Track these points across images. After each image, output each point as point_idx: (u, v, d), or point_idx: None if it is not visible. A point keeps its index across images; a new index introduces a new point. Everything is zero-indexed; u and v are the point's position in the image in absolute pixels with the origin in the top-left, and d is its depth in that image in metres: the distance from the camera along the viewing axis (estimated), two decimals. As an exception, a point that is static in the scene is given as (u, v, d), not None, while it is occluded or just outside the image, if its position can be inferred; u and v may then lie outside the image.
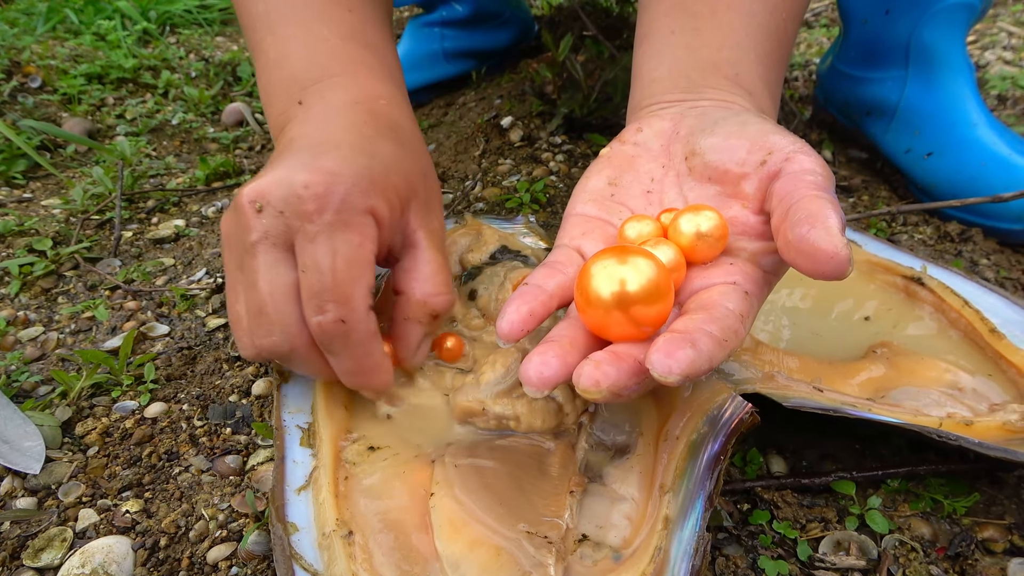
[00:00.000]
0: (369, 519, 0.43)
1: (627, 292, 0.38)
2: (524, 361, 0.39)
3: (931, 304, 0.63)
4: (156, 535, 0.50)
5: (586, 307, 0.40)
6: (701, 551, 0.39)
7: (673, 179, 0.52)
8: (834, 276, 0.37)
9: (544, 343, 0.40)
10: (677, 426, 0.46)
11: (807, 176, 0.41)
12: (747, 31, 0.56)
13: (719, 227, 0.44)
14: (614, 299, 0.38)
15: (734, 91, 0.55)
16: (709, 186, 0.49)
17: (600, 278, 0.39)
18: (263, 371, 0.66)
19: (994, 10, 1.70)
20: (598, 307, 0.39)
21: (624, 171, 0.54)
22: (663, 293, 0.39)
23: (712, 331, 0.37)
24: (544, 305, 0.44)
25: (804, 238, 0.37)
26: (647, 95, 0.58)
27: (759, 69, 0.57)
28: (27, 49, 1.43)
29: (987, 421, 0.51)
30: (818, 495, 0.53)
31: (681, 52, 0.57)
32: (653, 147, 0.53)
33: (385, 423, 0.51)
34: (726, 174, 0.47)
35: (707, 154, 0.48)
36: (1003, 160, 0.84)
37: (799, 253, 0.38)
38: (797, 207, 0.39)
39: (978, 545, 0.49)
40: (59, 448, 0.58)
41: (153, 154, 1.16)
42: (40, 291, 0.79)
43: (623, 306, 0.38)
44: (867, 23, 0.95)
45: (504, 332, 0.42)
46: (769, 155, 0.44)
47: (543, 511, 0.43)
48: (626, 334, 0.39)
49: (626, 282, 0.38)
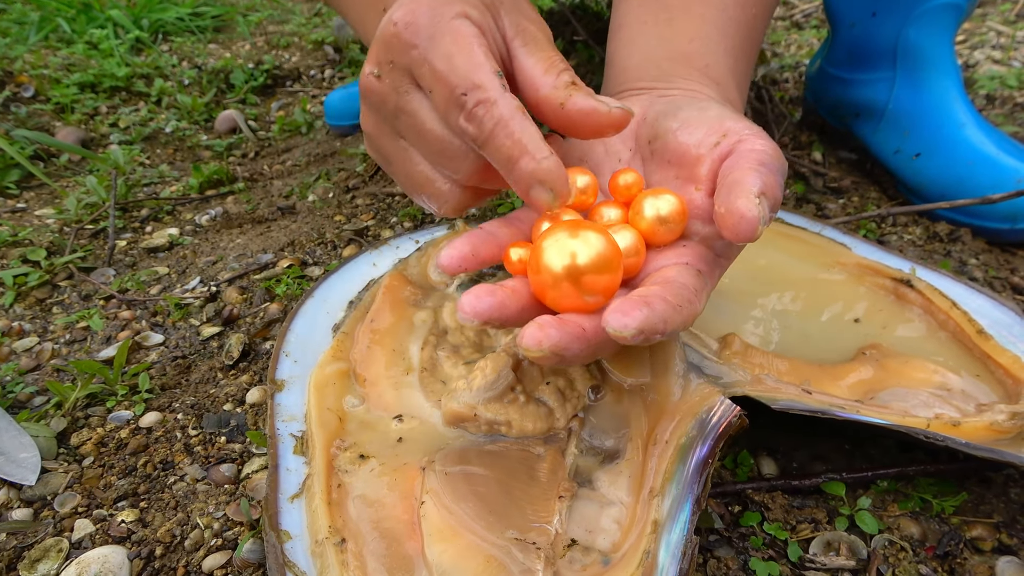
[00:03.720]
0: (362, 527, 0.43)
1: (577, 264, 0.39)
2: (464, 293, 0.39)
3: (920, 306, 0.64)
4: (152, 544, 0.51)
5: (536, 277, 0.40)
6: (689, 554, 0.39)
7: (639, 163, 0.52)
8: (744, 237, 0.39)
9: (489, 284, 0.40)
10: (666, 430, 0.46)
11: (752, 154, 0.43)
12: (718, 24, 0.58)
13: (679, 211, 0.45)
14: (564, 271, 0.39)
15: (703, 81, 0.56)
16: (669, 169, 0.50)
17: (552, 251, 0.39)
18: (257, 380, 0.66)
19: (983, 9, 1.71)
20: (548, 277, 0.39)
21: (595, 151, 0.54)
22: (613, 266, 0.40)
23: (667, 296, 0.38)
24: (490, 249, 0.44)
25: (726, 204, 0.39)
26: (620, 82, 0.59)
27: (728, 61, 0.58)
28: (20, 58, 1.44)
29: (975, 421, 0.51)
30: (808, 496, 0.53)
31: (654, 42, 0.59)
32: (623, 131, 0.52)
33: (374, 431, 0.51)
34: (684, 157, 0.48)
35: (667, 137, 0.49)
36: (990, 160, 0.85)
37: (720, 219, 0.40)
38: (729, 178, 0.41)
39: (967, 544, 0.50)
40: (55, 459, 0.58)
41: (147, 162, 1.16)
42: (34, 301, 0.80)
43: (572, 277, 0.39)
44: (854, 26, 0.96)
45: (443, 263, 0.42)
46: (723, 137, 0.46)
47: (532, 517, 0.43)
48: (574, 305, 0.40)
49: (576, 255, 0.39)
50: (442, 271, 0.42)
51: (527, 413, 0.49)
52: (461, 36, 0.45)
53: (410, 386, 0.55)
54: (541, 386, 0.51)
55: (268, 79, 1.50)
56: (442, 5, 0.47)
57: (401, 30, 0.46)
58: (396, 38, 0.46)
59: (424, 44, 0.46)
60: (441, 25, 0.46)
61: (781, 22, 1.77)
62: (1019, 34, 1.52)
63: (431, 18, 0.46)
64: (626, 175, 0.48)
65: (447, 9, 0.47)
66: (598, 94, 0.48)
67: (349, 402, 0.53)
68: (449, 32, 0.46)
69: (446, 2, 0.47)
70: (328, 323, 0.60)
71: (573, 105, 0.45)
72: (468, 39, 0.45)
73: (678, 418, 0.46)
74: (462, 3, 0.47)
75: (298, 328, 0.59)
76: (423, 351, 0.57)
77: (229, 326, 0.74)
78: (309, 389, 0.54)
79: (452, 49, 0.45)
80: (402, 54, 0.46)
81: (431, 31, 0.46)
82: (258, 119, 1.34)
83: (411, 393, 0.54)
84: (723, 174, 0.43)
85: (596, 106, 0.45)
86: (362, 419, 0.52)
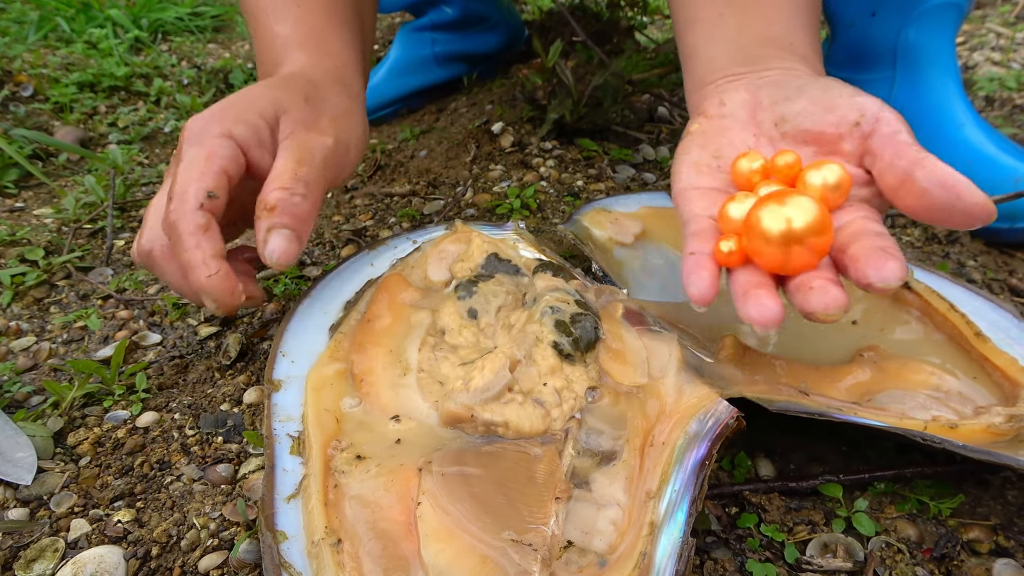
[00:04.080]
0: (358, 528, 0.43)
1: (798, 228, 0.44)
2: (746, 310, 0.44)
3: (917, 308, 0.64)
4: (148, 544, 0.51)
5: (765, 247, 0.45)
6: (685, 556, 0.39)
7: (767, 144, 0.56)
8: (982, 220, 0.45)
9: (760, 295, 0.45)
10: (663, 432, 0.46)
11: (898, 136, 0.48)
12: (792, 4, 0.62)
13: (845, 178, 0.49)
14: (793, 235, 0.44)
15: (792, 59, 0.60)
16: (805, 147, 0.54)
17: (772, 219, 0.45)
18: (255, 380, 0.66)
19: (983, 11, 1.71)
20: (776, 244, 0.45)
21: (719, 142, 0.58)
22: (828, 225, 0.45)
23: (888, 244, 0.45)
24: (716, 267, 0.50)
25: (952, 186, 0.45)
26: (709, 71, 0.63)
27: (807, 37, 0.62)
28: (18, 58, 1.44)
29: (972, 424, 0.51)
30: (805, 498, 0.53)
31: (733, 32, 0.62)
32: (740, 116, 0.58)
33: (371, 431, 0.51)
34: (821, 135, 0.53)
35: (798, 119, 0.54)
36: (989, 159, 0.85)
37: (947, 190, 0.45)
38: (924, 165, 0.46)
39: (964, 546, 0.50)
40: (51, 458, 0.58)
41: (145, 162, 1.16)
42: (32, 301, 0.80)
43: (800, 239, 0.44)
44: (853, 26, 0.95)
45: (697, 298, 0.47)
46: (862, 116, 0.50)
47: (529, 518, 0.43)
48: (805, 264, 0.45)
49: (793, 219, 0.44)
50: (699, 305, 0.47)
51: (524, 414, 0.49)
52: (205, 151, 0.56)
53: (407, 387, 0.55)
54: (538, 387, 0.51)
55: (267, 79, 1.49)
56: (215, 123, 0.57)
57: (183, 131, 0.58)
58: (181, 136, 0.58)
59: (184, 149, 0.57)
60: (202, 138, 0.56)
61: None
62: (1018, 36, 1.53)
63: (199, 131, 0.57)
64: (785, 156, 0.52)
65: (215, 127, 0.57)
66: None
67: (346, 403, 0.53)
68: (199, 145, 0.56)
69: (221, 119, 0.58)
70: (326, 323, 0.60)
71: (256, 226, 0.55)
72: (210, 155, 0.55)
73: (675, 419, 0.46)
74: (234, 122, 0.58)
75: (296, 328, 0.59)
76: (420, 352, 0.57)
77: (227, 326, 0.74)
78: (306, 389, 0.54)
79: (187, 159, 0.56)
80: (177, 149, 0.58)
81: (190, 141, 0.57)
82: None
83: (408, 394, 0.54)
84: (894, 159, 0.47)
85: (258, 242, 0.55)
86: (359, 420, 0.52)
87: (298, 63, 0.68)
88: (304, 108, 0.61)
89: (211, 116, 0.58)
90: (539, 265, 0.64)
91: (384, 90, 1.26)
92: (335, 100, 0.65)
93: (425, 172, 1.03)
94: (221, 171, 0.55)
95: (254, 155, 0.58)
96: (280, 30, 0.69)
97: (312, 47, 0.69)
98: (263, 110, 0.59)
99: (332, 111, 0.64)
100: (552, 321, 0.54)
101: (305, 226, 0.57)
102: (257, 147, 0.58)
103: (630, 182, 0.98)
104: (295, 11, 0.70)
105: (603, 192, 0.95)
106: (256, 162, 0.59)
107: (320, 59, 0.69)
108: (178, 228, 0.53)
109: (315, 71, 0.67)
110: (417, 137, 1.17)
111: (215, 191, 0.54)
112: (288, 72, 0.66)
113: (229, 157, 0.56)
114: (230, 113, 0.58)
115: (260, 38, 0.72)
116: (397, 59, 1.27)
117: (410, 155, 1.11)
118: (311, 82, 0.65)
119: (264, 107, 0.59)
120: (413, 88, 1.27)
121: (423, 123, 1.23)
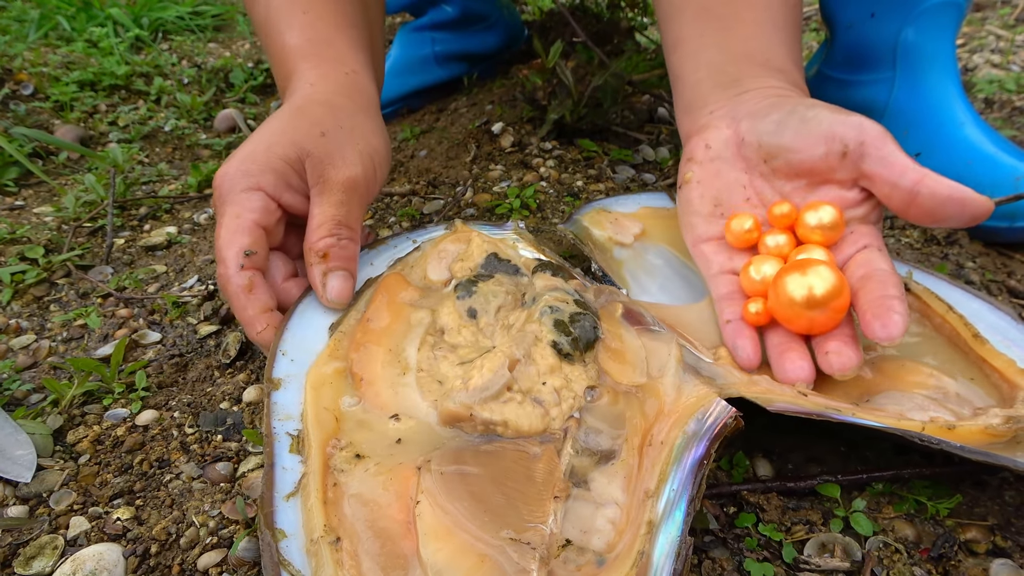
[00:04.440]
0: (357, 526, 0.43)
1: (819, 296, 0.52)
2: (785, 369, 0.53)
3: (916, 309, 0.64)
4: (147, 542, 0.51)
5: (792, 314, 0.53)
6: (683, 555, 0.40)
7: (760, 180, 0.61)
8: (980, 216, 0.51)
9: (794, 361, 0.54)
10: (662, 431, 0.46)
11: (889, 157, 0.53)
12: (769, 21, 0.65)
13: (839, 219, 0.56)
14: (816, 302, 0.52)
15: (769, 74, 0.63)
16: (798, 180, 0.59)
17: (798, 289, 0.52)
18: (254, 378, 0.66)
19: (983, 13, 1.71)
20: (801, 311, 0.52)
21: (716, 186, 0.63)
22: (845, 288, 0.53)
23: (893, 290, 0.51)
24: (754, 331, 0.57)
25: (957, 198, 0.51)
26: (694, 97, 0.66)
27: (784, 49, 0.65)
28: (19, 56, 1.44)
29: (969, 425, 0.51)
30: (803, 498, 0.54)
31: (714, 51, 0.66)
32: (727, 156, 0.63)
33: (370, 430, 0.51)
34: (812, 169, 0.57)
35: (788, 156, 0.58)
36: (989, 158, 0.85)
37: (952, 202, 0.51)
38: (926, 184, 0.51)
39: (961, 546, 0.50)
40: (50, 456, 0.58)
41: (145, 161, 1.16)
42: (32, 299, 0.80)
43: (822, 304, 0.52)
44: (852, 27, 0.96)
45: (746, 365, 0.55)
46: (846, 147, 0.54)
47: (527, 517, 0.43)
48: (827, 325, 0.53)
49: (814, 287, 0.52)
50: (749, 370, 0.54)
51: (523, 413, 0.49)
52: (237, 209, 0.59)
53: (407, 386, 0.55)
54: (537, 386, 0.51)
55: (267, 78, 1.50)
56: (241, 177, 0.60)
57: (214, 187, 0.61)
58: (213, 192, 0.61)
59: (218, 207, 0.60)
60: (232, 195, 0.59)
61: (781, 24, 1.77)
62: (1018, 38, 1.53)
63: (228, 187, 0.59)
64: (781, 207, 0.59)
65: (242, 181, 0.59)
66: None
67: (346, 402, 0.53)
68: (231, 203, 0.59)
69: (247, 173, 0.60)
70: (325, 322, 0.60)
71: (310, 272, 0.61)
72: (241, 214, 0.58)
73: (674, 419, 0.47)
74: (260, 173, 0.60)
75: (295, 327, 0.59)
76: (420, 351, 0.57)
77: (226, 325, 0.74)
78: (306, 388, 0.54)
79: (223, 220, 0.59)
80: (212, 204, 0.62)
81: (223, 199, 0.60)
82: (257, 118, 1.35)
83: (408, 393, 0.54)
84: (896, 179, 0.52)
85: (316, 287, 0.60)
86: (359, 419, 0.52)
87: (308, 77, 0.68)
88: (324, 145, 0.63)
89: (237, 170, 0.60)
90: (538, 265, 0.64)
91: (384, 90, 1.26)
92: (352, 123, 0.66)
93: (425, 172, 1.03)
94: (254, 226, 0.59)
95: (286, 200, 0.62)
96: (288, 39, 0.70)
97: (320, 55, 0.70)
98: (286, 155, 0.61)
99: (354, 138, 0.65)
100: (551, 320, 0.54)
101: (355, 263, 0.62)
102: (287, 192, 0.62)
103: (630, 182, 0.98)
104: (301, 18, 0.71)
105: (603, 192, 0.95)
106: (290, 204, 0.62)
107: (330, 68, 0.69)
108: (227, 291, 0.58)
109: (327, 87, 0.68)
110: (417, 137, 1.17)
111: (252, 248, 0.58)
112: (301, 95, 0.67)
113: (260, 209, 0.59)
114: (254, 165, 0.60)
115: (271, 49, 0.73)
116: (397, 59, 1.27)
117: (410, 155, 1.11)
118: (326, 106, 0.66)
119: (286, 152, 0.61)
120: (413, 88, 1.27)
121: (423, 123, 1.23)
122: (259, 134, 0.63)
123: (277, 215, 0.61)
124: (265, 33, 0.73)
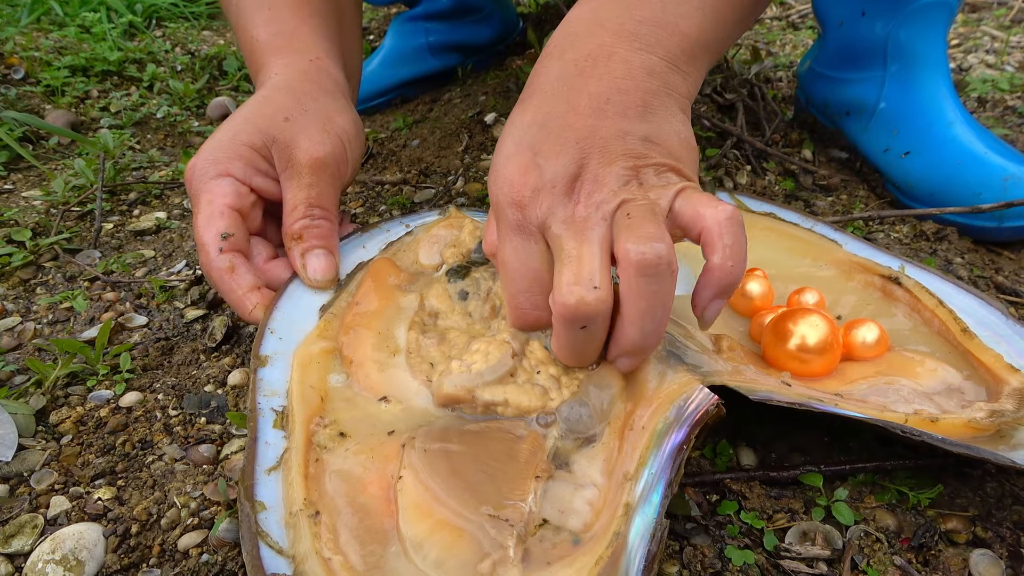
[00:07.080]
0: (337, 501, 0.43)
1: (810, 344, 0.56)
2: None
3: (906, 303, 0.64)
4: (128, 522, 0.51)
5: (783, 352, 0.57)
6: (658, 536, 0.40)
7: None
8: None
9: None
10: (643, 416, 0.46)
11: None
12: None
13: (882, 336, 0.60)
14: (811, 348, 0.56)
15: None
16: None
17: (791, 334, 0.56)
18: (240, 362, 0.66)
19: (978, 14, 1.71)
20: (793, 355, 0.56)
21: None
22: (837, 341, 0.57)
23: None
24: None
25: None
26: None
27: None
28: (10, 40, 1.43)
29: (953, 418, 0.51)
30: (786, 487, 0.54)
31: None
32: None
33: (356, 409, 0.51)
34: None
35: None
36: (978, 158, 0.85)
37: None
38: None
39: (942, 536, 0.50)
40: (32, 436, 0.58)
41: (137, 147, 1.16)
42: (18, 281, 0.79)
43: (817, 352, 0.56)
44: (843, 25, 0.96)
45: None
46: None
47: (508, 495, 0.43)
48: (814, 373, 0.57)
49: (808, 336, 0.56)
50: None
51: (523, 392, 0.49)
52: (208, 195, 0.60)
53: (396, 367, 0.55)
54: (533, 374, 0.51)
55: (261, 67, 1.49)
56: (211, 163, 0.61)
57: (186, 183, 0.62)
58: (186, 188, 0.63)
59: (192, 200, 0.61)
60: (202, 184, 0.60)
61: (777, 22, 1.77)
62: (1013, 39, 1.53)
63: (198, 177, 0.60)
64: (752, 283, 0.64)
65: (211, 169, 0.61)
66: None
67: (333, 379, 0.53)
68: (203, 191, 0.60)
69: (216, 160, 0.61)
70: (315, 304, 0.60)
71: (290, 256, 0.62)
72: (212, 200, 0.59)
73: (656, 405, 0.47)
74: (228, 160, 0.61)
75: (285, 307, 0.59)
76: (409, 333, 0.57)
77: (213, 309, 0.74)
78: (292, 365, 0.54)
79: (198, 208, 0.60)
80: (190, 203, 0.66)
81: (195, 189, 0.61)
82: (250, 106, 1.34)
83: (397, 374, 0.54)
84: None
85: (296, 269, 0.61)
86: (345, 397, 0.52)
87: (274, 68, 0.69)
88: (289, 129, 0.63)
89: (204, 160, 0.61)
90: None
91: (378, 79, 1.26)
92: (316, 105, 0.66)
93: (417, 161, 1.03)
94: (228, 209, 0.60)
95: (258, 184, 0.63)
96: (256, 35, 0.71)
97: (285, 48, 0.71)
98: (251, 142, 0.62)
99: (319, 119, 0.65)
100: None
101: (333, 240, 0.62)
102: (257, 176, 0.63)
103: (621, 175, 0.97)
104: (266, 14, 0.71)
105: (594, 184, 0.95)
106: (262, 188, 0.63)
107: (294, 59, 0.70)
108: (211, 276, 0.59)
109: (290, 75, 0.68)
110: (410, 127, 1.17)
111: (227, 230, 0.59)
112: (268, 87, 0.67)
113: (232, 193, 0.60)
114: (221, 153, 0.61)
115: (243, 47, 0.74)
116: (391, 49, 1.27)
117: (402, 144, 1.11)
118: (289, 92, 0.66)
119: (251, 139, 0.62)
120: (407, 78, 1.27)
121: (416, 113, 1.23)
122: (225, 126, 0.64)
123: (250, 199, 0.62)
124: (237, 31, 0.74)
